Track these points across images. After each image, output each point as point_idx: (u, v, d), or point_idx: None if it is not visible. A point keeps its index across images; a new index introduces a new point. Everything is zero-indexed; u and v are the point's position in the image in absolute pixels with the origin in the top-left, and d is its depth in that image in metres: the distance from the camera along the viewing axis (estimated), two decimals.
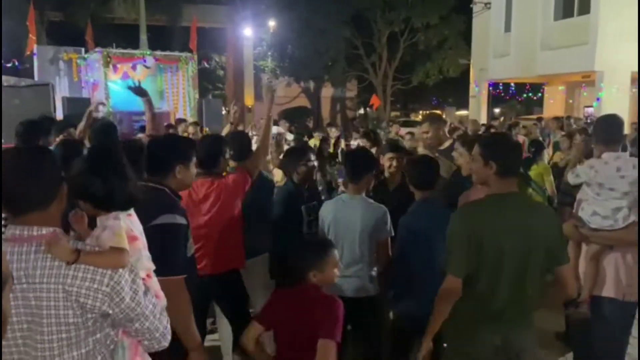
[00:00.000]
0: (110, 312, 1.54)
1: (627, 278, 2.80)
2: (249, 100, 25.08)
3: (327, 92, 28.35)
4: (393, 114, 28.89)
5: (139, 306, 1.59)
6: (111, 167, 1.77)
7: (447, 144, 4.12)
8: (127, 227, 1.73)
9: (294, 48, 23.16)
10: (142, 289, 1.62)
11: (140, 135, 5.63)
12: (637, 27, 12.74)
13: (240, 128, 9.47)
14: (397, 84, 25.37)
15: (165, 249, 2.19)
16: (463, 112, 26.40)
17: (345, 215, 3.09)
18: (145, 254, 1.84)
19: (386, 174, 3.91)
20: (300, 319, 2.34)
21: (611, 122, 2.96)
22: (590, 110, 6.70)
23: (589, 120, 6.96)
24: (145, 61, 12.06)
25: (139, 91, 3.87)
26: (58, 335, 1.51)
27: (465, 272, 2.29)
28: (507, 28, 17.02)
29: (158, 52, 12.53)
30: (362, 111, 31.54)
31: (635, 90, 15.28)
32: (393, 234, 3.13)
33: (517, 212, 2.33)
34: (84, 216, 1.72)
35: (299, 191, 3.59)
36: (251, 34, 23.88)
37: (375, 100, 21.97)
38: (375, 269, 3.15)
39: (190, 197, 3.13)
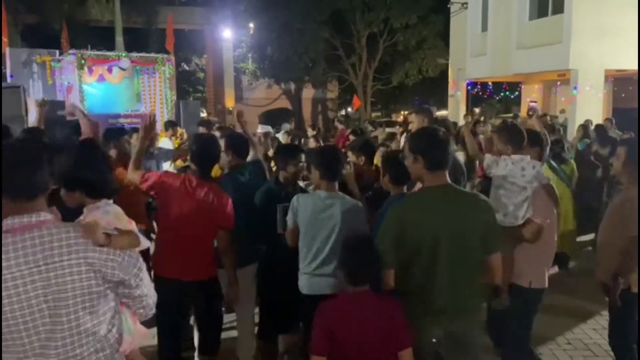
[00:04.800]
0: (126, 278, 1.75)
1: (531, 267, 3.26)
2: (229, 102, 24.99)
3: (308, 93, 28.37)
4: (374, 114, 28.99)
5: (141, 272, 1.81)
6: (101, 159, 2.11)
7: None
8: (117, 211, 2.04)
9: (274, 49, 23.11)
10: (141, 259, 1.84)
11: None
12: (609, 26, 13.05)
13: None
14: (377, 84, 25.49)
15: None
16: (444, 112, 26.63)
17: (322, 211, 3.07)
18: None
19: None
20: (370, 329, 2.19)
21: (521, 130, 3.37)
22: (533, 104, 6.89)
23: (530, 113, 7.24)
24: (120, 63, 11.89)
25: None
26: (83, 305, 1.68)
27: (393, 264, 2.32)
28: (484, 28, 17.21)
29: (134, 54, 12.38)
30: (343, 112, 31.61)
31: (609, 87, 15.59)
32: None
33: (449, 202, 2.36)
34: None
35: (279, 190, 3.54)
36: (230, 36, 23.80)
37: (356, 101, 22.07)
38: None
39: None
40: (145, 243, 1.92)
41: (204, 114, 25.22)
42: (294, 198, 3.18)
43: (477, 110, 23.06)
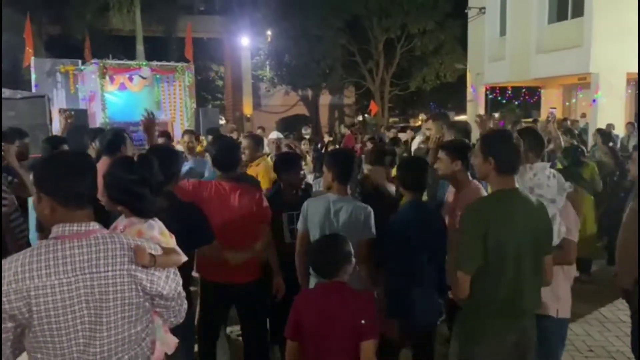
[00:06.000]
0: (164, 292, 1.83)
1: (561, 295, 2.92)
2: (247, 109, 25.21)
3: (325, 99, 28.45)
4: (392, 119, 28.93)
5: (179, 286, 1.91)
6: (154, 180, 2.11)
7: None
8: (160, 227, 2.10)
9: (291, 56, 23.27)
10: (179, 275, 1.93)
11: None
12: (630, 28, 12.84)
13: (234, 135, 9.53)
14: (394, 89, 25.45)
15: None
16: (462, 117, 26.44)
17: (333, 215, 3.08)
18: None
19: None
20: (337, 319, 2.34)
21: (541, 136, 3.18)
22: (552, 110, 6.84)
23: (549, 119, 7.19)
24: (141, 72, 12.12)
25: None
26: (122, 314, 1.75)
27: (476, 268, 2.33)
28: (502, 32, 17.09)
29: (154, 63, 12.62)
30: (360, 118, 31.62)
31: (631, 91, 15.32)
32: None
33: (522, 206, 2.39)
34: None
35: (281, 198, 3.57)
36: (248, 44, 24.05)
37: (373, 107, 22.07)
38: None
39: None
40: (184, 258, 1.99)
41: (222, 121, 25.56)
42: (304, 203, 3.21)
43: (496, 115, 22.89)
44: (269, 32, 23.98)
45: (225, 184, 3.24)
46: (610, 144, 8.35)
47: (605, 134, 8.30)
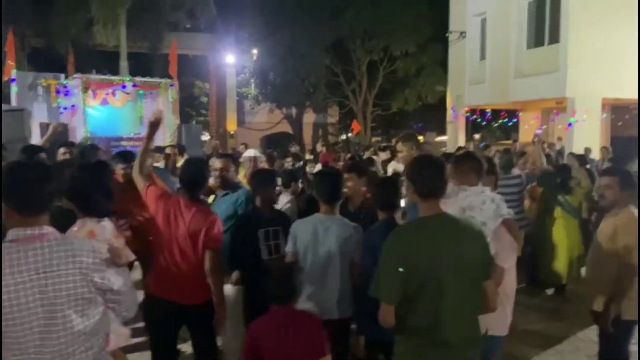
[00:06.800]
0: (115, 287, 1.98)
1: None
2: (231, 126, 25.24)
3: (309, 117, 28.64)
4: (374, 139, 29.20)
5: (127, 280, 2.06)
6: (106, 181, 2.36)
7: None
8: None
9: (276, 75, 23.46)
10: (127, 270, 2.12)
11: None
12: (605, 54, 13.27)
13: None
14: (377, 110, 25.78)
15: None
16: (443, 138, 26.83)
17: (321, 235, 3.11)
18: None
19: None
20: (292, 343, 2.44)
21: (481, 160, 3.21)
22: (539, 132, 7.01)
23: (535, 140, 7.37)
24: (124, 87, 12.10)
25: None
26: (75, 310, 1.90)
27: (397, 298, 2.25)
28: (482, 56, 17.49)
29: (137, 79, 12.59)
30: (344, 136, 31.86)
31: (606, 115, 15.75)
32: None
33: (448, 232, 2.31)
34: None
35: (257, 215, 3.59)
36: (233, 62, 24.18)
37: (355, 126, 22.28)
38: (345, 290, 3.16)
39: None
40: (131, 256, 2.23)
41: (206, 137, 25.51)
42: (293, 224, 3.24)
43: (477, 136, 23.29)
44: (254, 51, 24.18)
45: (182, 201, 3.21)
46: (588, 166, 8.58)
47: (581, 157, 8.52)
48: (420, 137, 33.14)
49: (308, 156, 10.62)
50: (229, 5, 21.85)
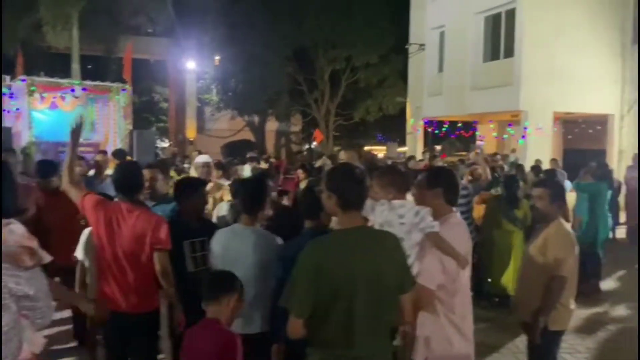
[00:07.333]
0: (30, 292, 1.90)
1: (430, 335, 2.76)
2: (191, 133, 24.84)
3: (271, 125, 28.51)
4: (337, 148, 29.30)
5: (44, 286, 1.99)
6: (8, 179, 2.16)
7: None
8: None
9: (237, 81, 23.28)
10: (43, 274, 2.03)
11: None
12: (557, 70, 13.69)
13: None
14: (339, 119, 25.88)
15: None
16: (404, 148, 27.14)
17: (235, 246, 2.99)
18: None
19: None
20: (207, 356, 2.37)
21: (402, 173, 3.13)
22: (479, 144, 7.17)
23: (477, 152, 7.49)
24: (73, 91, 11.71)
25: None
26: None
27: (307, 311, 2.18)
28: (440, 69, 17.78)
29: (87, 82, 12.24)
30: (307, 145, 31.84)
31: (557, 129, 16.23)
32: None
33: (363, 244, 2.23)
34: None
35: (182, 226, 3.43)
36: (194, 67, 23.85)
37: (318, 135, 22.31)
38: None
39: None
40: (47, 257, 2.07)
41: (165, 144, 24.98)
42: (214, 235, 3.12)
43: (438, 147, 23.66)
44: (216, 57, 23.93)
45: (124, 205, 3.15)
46: (541, 175, 8.79)
47: (536, 168, 8.73)
48: (383, 148, 33.57)
49: (263, 165, 10.46)
50: (191, 11, 21.58)
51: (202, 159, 6.92)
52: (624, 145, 14.98)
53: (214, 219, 4.60)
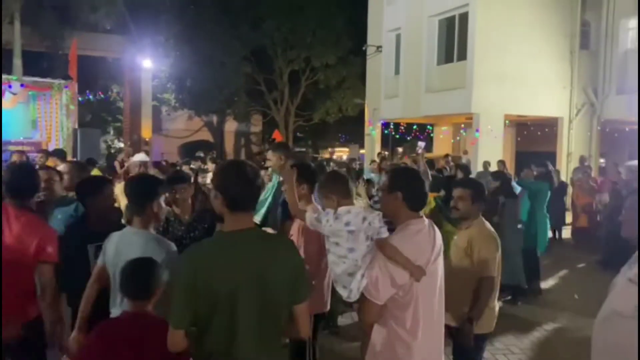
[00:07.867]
0: None
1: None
2: (146, 133, 24.19)
3: (230, 126, 28.13)
4: (298, 150, 29.15)
5: None
6: None
7: None
8: None
9: (194, 81, 22.83)
10: None
11: None
12: (507, 73, 13.94)
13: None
14: (299, 120, 25.74)
15: None
16: (363, 150, 27.24)
17: (125, 250, 2.78)
18: None
19: None
20: (147, 349, 2.21)
21: (344, 177, 2.89)
22: (421, 143, 7.12)
23: (418, 151, 7.54)
24: (10, 87, 11.15)
25: None
26: None
27: (188, 324, 2.03)
28: (397, 71, 17.88)
29: (26, 78, 11.70)
30: (267, 146, 31.57)
31: (511, 131, 16.56)
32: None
33: (249, 249, 2.07)
34: None
35: (85, 228, 3.21)
36: (150, 66, 23.23)
37: (277, 136, 22.07)
38: None
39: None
40: None
41: (121, 144, 24.22)
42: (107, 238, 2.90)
43: (400, 149, 23.80)
44: (172, 56, 23.40)
45: (11, 208, 2.93)
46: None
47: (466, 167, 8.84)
48: (347, 149, 33.50)
49: (210, 164, 10.18)
50: (145, 8, 21.00)
51: (137, 158, 6.69)
52: (572, 147, 15.43)
53: None
